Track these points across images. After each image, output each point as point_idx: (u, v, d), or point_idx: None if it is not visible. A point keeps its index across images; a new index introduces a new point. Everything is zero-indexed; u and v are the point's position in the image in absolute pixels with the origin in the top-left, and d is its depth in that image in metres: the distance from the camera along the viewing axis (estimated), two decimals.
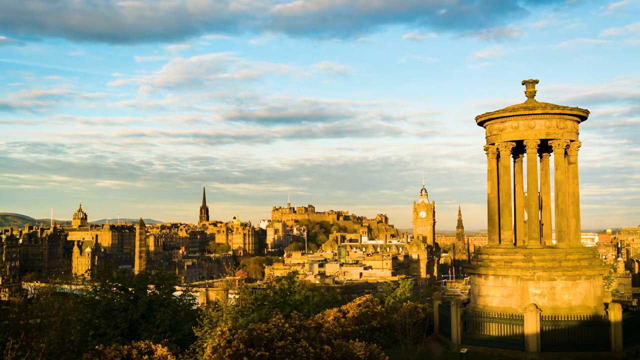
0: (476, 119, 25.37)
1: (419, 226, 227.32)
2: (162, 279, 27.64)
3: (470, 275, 25.50)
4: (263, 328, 15.16)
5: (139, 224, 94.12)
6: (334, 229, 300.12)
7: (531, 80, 24.59)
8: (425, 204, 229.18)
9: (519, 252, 23.12)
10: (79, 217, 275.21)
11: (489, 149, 24.95)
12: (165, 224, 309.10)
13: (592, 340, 20.85)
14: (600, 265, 24.47)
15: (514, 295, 22.57)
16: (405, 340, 21.37)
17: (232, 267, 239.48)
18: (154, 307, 25.40)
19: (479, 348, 21.91)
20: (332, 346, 15.78)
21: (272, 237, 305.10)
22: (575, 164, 24.12)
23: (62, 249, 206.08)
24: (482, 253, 25.25)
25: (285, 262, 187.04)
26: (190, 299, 28.85)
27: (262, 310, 26.10)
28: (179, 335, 24.51)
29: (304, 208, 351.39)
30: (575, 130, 23.97)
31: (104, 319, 24.81)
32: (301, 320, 15.94)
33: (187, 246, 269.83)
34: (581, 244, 24.87)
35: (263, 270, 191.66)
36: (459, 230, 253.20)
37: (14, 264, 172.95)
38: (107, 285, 26.40)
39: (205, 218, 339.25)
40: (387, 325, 23.97)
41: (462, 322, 22.90)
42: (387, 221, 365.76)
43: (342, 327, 22.88)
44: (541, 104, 23.63)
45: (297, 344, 14.88)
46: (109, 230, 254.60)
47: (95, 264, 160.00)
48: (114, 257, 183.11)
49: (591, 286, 22.61)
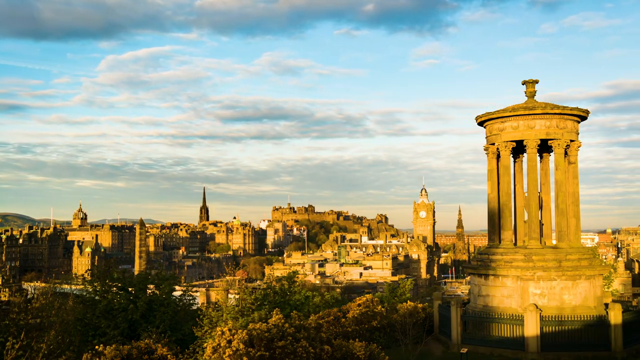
0: (476, 118, 25.34)
1: (419, 226, 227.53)
2: (162, 279, 27.67)
3: (470, 275, 25.50)
4: (263, 328, 15.15)
5: (139, 224, 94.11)
6: (334, 229, 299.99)
7: (531, 80, 24.57)
8: (425, 204, 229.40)
9: (519, 252, 23.11)
10: (79, 217, 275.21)
11: (489, 149, 24.92)
12: (165, 224, 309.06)
13: (592, 340, 20.84)
14: (600, 265, 24.46)
15: (514, 295, 22.57)
16: (405, 340, 21.34)
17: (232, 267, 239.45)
18: (154, 307, 25.42)
19: (479, 348, 21.91)
20: (332, 346, 15.78)
21: (272, 237, 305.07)
22: (576, 164, 24.11)
23: (62, 249, 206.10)
24: (482, 253, 25.25)
25: (285, 262, 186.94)
26: (190, 299, 28.87)
27: (262, 310, 26.06)
28: (179, 335, 24.50)
29: (304, 208, 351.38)
30: (575, 130, 23.97)
31: (104, 319, 24.83)
32: (301, 320, 15.93)
33: (187, 246, 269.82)
34: (581, 244, 24.85)
35: (263, 270, 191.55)
36: (459, 230, 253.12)
37: (14, 264, 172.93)
38: (107, 285, 26.43)
39: (205, 218, 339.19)
40: (387, 325, 23.96)
41: (462, 322, 22.89)
42: (387, 221, 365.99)
43: (342, 327, 22.87)
44: (541, 104, 23.63)
45: (297, 344, 14.88)
46: (109, 230, 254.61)
47: (95, 264, 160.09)
48: (114, 257, 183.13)
49: (591, 286, 22.61)
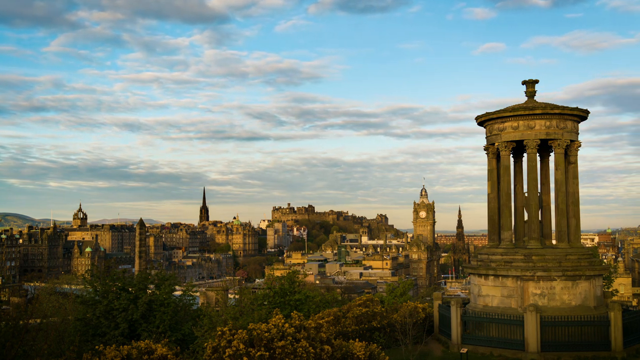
0: (476, 119, 25.34)
1: (418, 226, 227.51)
2: (162, 279, 27.67)
3: (470, 275, 25.49)
4: (263, 328, 15.15)
5: (139, 224, 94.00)
6: (334, 229, 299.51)
7: (531, 80, 24.57)
8: (425, 204, 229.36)
9: (519, 252, 23.11)
10: (79, 218, 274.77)
11: (489, 149, 24.92)
12: (165, 224, 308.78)
13: (592, 340, 20.84)
14: (600, 265, 24.46)
15: (514, 295, 22.57)
16: (405, 340, 21.34)
17: (232, 267, 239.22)
18: (154, 307, 25.41)
19: (479, 348, 21.92)
20: (332, 346, 15.79)
21: (272, 237, 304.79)
22: (575, 164, 24.10)
23: (62, 249, 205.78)
24: (482, 253, 25.23)
25: (285, 262, 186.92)
26: (190, 299, 28.85)
27: (262, 310, 26.07)
28: (179, 335, 24.51)
29: (304, 208, 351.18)
30: (575, 130, 23.96)
31: (104, 319, 24.85)
32: (301, 320, 15.92)
33: (187, 246, 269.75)
34: (581, 244, 24.84)
35: (263, 270, 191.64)
36: (459, 230, 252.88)
37: (14, 264, 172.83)
38: (107, 285, 26.43)
39: (205, 218, 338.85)
40: (387, 325, 23.95)
41: (462, 322, 22.89)
42: (387, 221, 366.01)
43: (342, 327, 22.86)
44: (541, 104, 23.62)
45: (297, 344, 14.88)
46: (109, 231, 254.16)
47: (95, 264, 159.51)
48: (114, 257, 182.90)
49: (591, 286, 22.61)
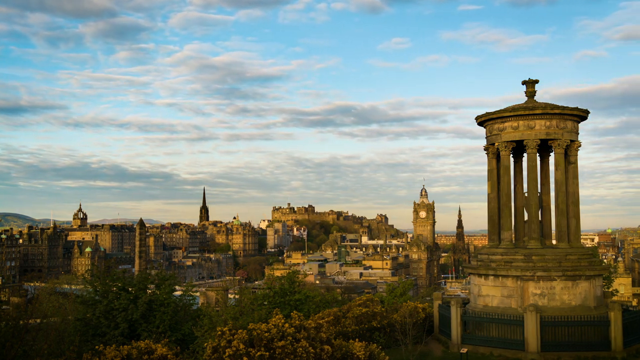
0: (476, 119, 25.32)
1: (418, 226, 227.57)
2: (162, 279, 27.67)
3: (470, 275, 25.49)
4: (263, 328, 15.15)
5: (139, 224, 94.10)
6: (334, 229, 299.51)
7: (531, 80, 24.56)
8: (425, 204, 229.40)
9: (519, 252, 23.11)
10: (79, 218, 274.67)
11: (489, 149, 24.91)
12: (165, 224, 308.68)
13: (592, 340, 20.84)
14: (600, 265, 24.47)
15: (514, 295, 22.57)
16: (405, 340, 21.34)
17: (232, 267, 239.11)
18: (154, 307, 25.42)
19: (479, 348, 21.91)
20: (332, 346, 15.78)
21: (272, 237, 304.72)
22: (575, 164, 24.10)
23: (62, 249, 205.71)
24: (482, 253, 25.23)
25: (285, 262, 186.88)
26: (190, 299, 28.85)
27: (262, 310, 26.06)
28: (179, 335, 24.52)
29: (304, 208, 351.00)
30: (575, 130, 23.95)
31: (104, 319, 24.85)
32: (301, 320, 15.92)
33: (187, 246, 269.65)
34: (581, 244, 24.85)
35: (263, 270, 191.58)
36: (459, 230, 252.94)
37: (14, 264, 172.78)
38: (107, 285, 26.44)
39: (205, 218, 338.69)
40: (387, 325, 23.95)
41: (462, 322, 22.89)
42: (387, 221, 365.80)
43: (342, 327, 22.85)
44: (541, 104, 23.61)
45: (297, 344, 14.88)
46: (109, 231, 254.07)
47: (95, 264, 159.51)
48: (114, 257, 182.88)
49: (591, 286, 22.60)
